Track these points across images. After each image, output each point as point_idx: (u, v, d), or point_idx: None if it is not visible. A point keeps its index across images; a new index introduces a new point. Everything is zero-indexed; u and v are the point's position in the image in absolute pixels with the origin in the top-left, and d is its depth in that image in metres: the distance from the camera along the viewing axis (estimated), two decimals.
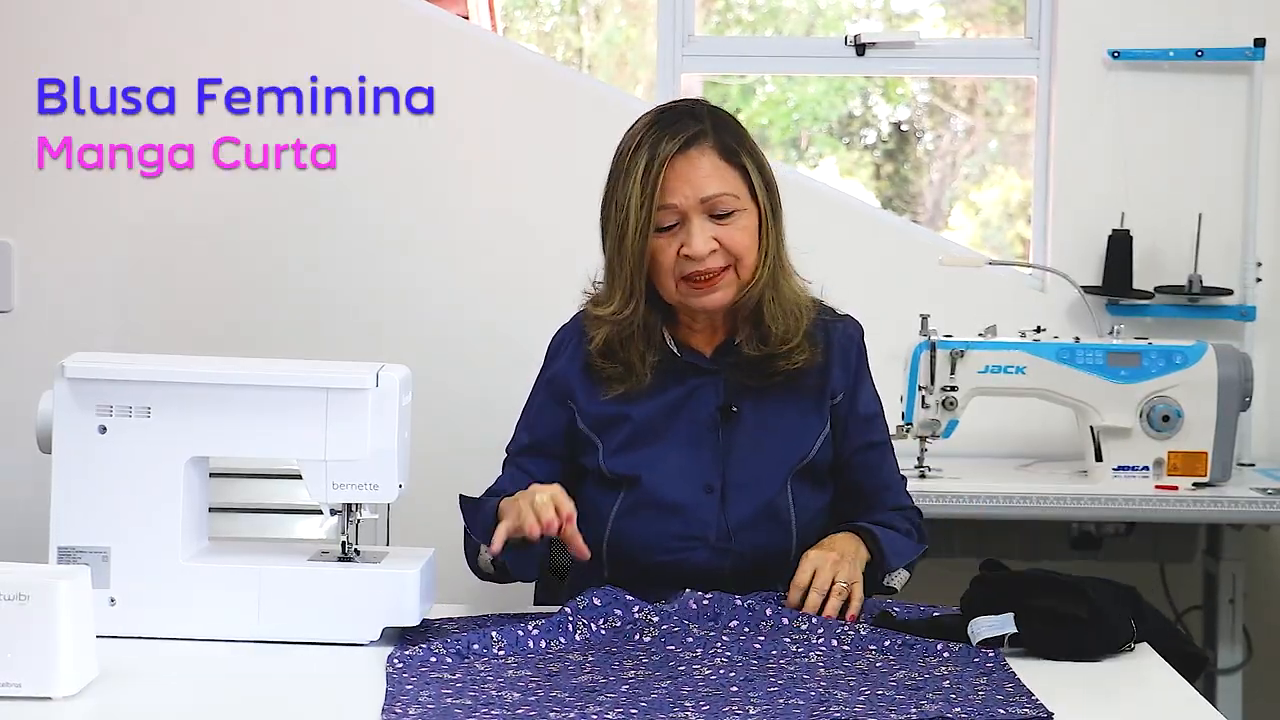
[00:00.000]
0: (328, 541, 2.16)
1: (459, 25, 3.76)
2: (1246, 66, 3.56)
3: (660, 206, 2.17)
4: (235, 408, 1.99)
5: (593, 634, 1.97)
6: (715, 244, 2.17)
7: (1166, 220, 3.59)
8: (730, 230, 2.18)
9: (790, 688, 1.79)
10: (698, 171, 2.18)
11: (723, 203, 2.18)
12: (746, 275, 2.21)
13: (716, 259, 2.18)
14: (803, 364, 2.24)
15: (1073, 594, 1.95)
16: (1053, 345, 3.16)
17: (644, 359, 2.24)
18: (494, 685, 1.78)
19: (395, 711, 1.68)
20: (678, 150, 2.18)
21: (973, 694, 1.76)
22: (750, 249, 2.20)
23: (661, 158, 2.17)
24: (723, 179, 2.19)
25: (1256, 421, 3.55)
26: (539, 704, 1.71)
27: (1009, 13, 6.62)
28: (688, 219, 2.17)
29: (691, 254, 2.17)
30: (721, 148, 2.21)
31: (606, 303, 2.24)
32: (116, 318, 3.61)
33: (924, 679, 1.83)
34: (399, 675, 1.82)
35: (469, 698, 1.74)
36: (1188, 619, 3.45)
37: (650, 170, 2.16)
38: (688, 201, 2.17)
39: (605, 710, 1.70)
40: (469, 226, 3.61)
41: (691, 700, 1.74)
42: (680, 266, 2.19)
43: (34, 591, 1.70)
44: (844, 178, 7.60)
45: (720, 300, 2.20)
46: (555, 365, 2.32)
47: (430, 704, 1.71)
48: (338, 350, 3.49)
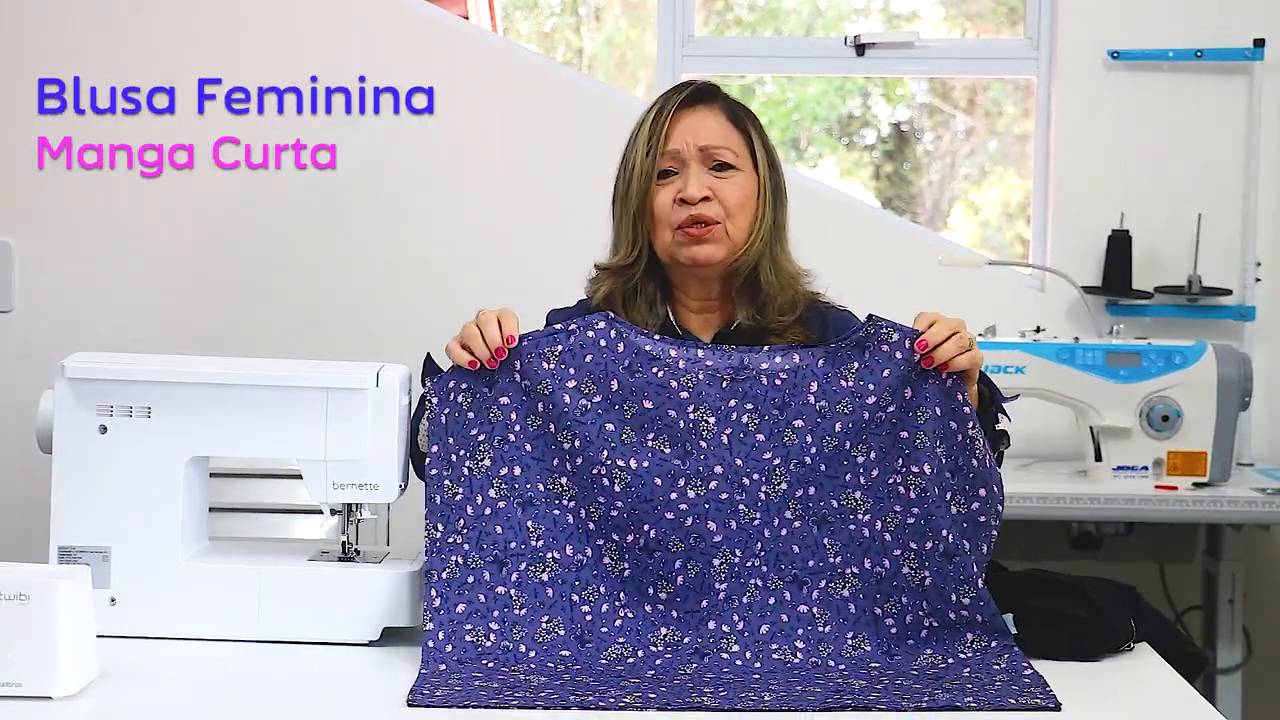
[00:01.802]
0: (328, 541, 2.16)
1: (459, 25, 3.76)
2: (1246, 66, 3.56)
3: (662, 152, 2.22)
4: (235, 408, 1.99)
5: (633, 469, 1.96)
6: (710, 193, 2.20)
7: (1166, 220, 3.59)
8: (726, 184, 2.22)
9: (811, 677, 1.82)
10: (702, 123, 2.24)
11: (721, 154, 2.22)
12: (739, 236, 2.22)
13: (710, 208, 2.20)
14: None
15: (1073, 594, 1.95)
16: (1052, 345, 3.16)
17: (645, 322, 2.24)
18: (525, 670, 1.83)
19: (423, 693, 1.73)
20: (685, 103, 2.25)
21: (990, 684, 1.78)
22: (743, 209, 2.23)
23: (669, 108, 2.24)
24: (725, 135, 2.24)
25: (1256, 421, 3.56)
26: (563, 689, 1.75)
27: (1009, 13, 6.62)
28: (686, 166, 2.22)
29: (686, 197, 2.20)
30: (729, 111, 2.27)
31: (612, 256, 2.28)
32: (116, 318, 3.61)
33: (946, 666, 1.85)
34: (433, 656, 1.86)
35: (497, 681, 1.78)
36: (1188, 619, 3.45)
37: (659, 120, 2.23)
38: (688, 149, 2.22)
39: (623, 695, 1.73)
40: (469, 226, 3.61)
41: (711, 686, 1.77)
42: (676, 214, 2.21)
43: (34, 591, 1.70)
44: (844, 178, 7.59)
45: (710, 254, 2.21)
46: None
47: (459, 687, 1.76)
48: (338, 350, 3.49)
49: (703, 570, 1.94)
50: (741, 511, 1.95)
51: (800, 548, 1.95)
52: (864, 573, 1.93)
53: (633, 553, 1.95)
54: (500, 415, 1.96)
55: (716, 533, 1.94)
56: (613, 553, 1.95)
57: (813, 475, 1.95)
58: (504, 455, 1.96)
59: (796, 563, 1.95)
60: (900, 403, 1.94)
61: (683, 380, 1.97)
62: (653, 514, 1.95)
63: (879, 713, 1.70)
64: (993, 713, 1.70)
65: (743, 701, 1.72)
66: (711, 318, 2.29)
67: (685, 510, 1.95)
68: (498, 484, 1.95)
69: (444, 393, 1.97)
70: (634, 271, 2.25)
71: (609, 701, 1.72)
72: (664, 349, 1.99)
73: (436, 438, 1.96)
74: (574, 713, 1.70)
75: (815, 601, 1.93)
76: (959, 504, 1.93)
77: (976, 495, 1.93)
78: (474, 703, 1.71)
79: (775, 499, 1.95)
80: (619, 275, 2.26)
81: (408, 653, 1.92)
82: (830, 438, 1.95)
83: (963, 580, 1.90)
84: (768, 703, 1.71)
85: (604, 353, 1.98)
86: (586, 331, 1.99)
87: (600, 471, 1.96)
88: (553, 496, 1.96)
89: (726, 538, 1.94)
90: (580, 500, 1.96)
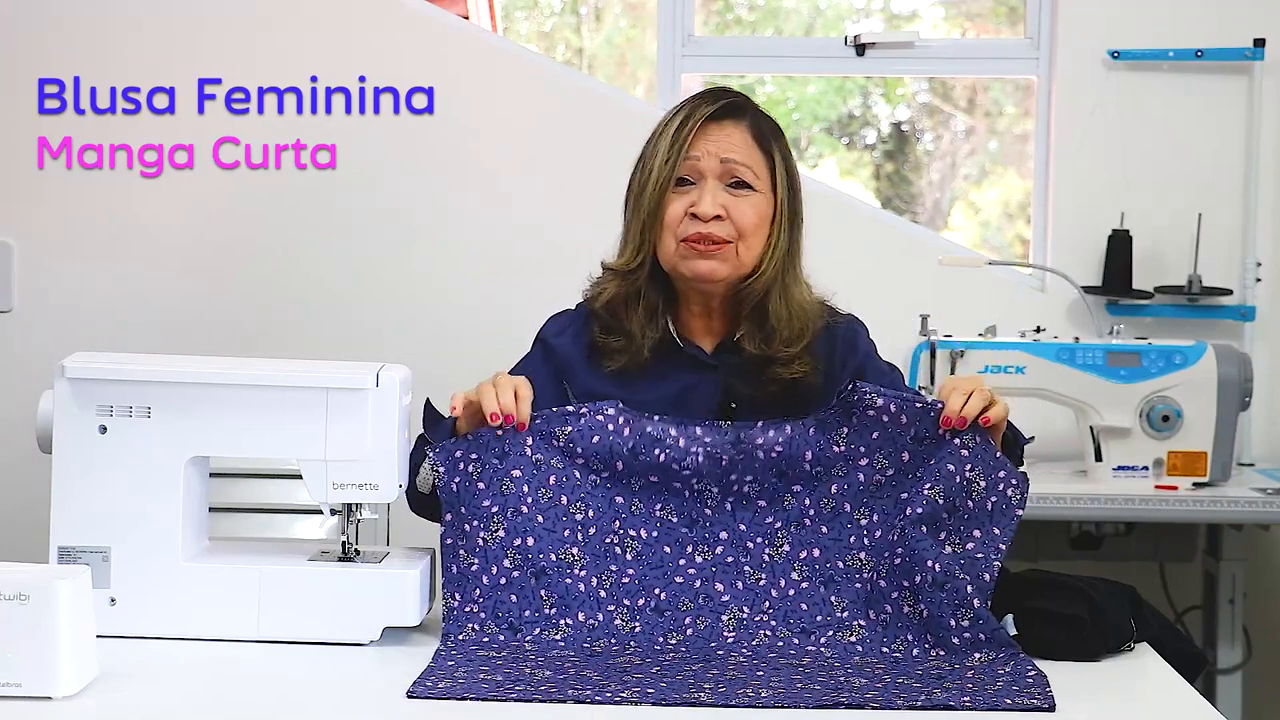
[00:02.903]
0: (328, 541, 2.16)
1: (459, 25, 3.76)
2: (1246, 66, 3.56)
3: (685, 158, 2.19)
4: (235, 408, 1.99)
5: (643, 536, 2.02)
6: (723, 211, 2.18)
7: (1166, 220, 3.59)
8: (740, 204, 2.19)
9: (814, 675, 1.82)
10: (726, 138, 2.21)
11: (740, 172, 2.19)
12: (748, 259, 2.20)
13: (720, 227, 2.18)
14: (801, 377, 2.22)
15: (1073, 594, 1.95)
16: (1052, 345, 3.16)
17: (644, 331, 2.23)
18: (531, 664, 1.84)
19: (426, 684, 1.75)
20: (713, 116, 2.21)
21: (991, 684, 1.78)
22: (756, 231, 2.20)
23: (697, 116, 2.21)
24: (748, 154, 2.21)
25: (1256, 421, 3.56)
26: (565, 683, 1.77)
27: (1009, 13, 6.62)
28: (704, 179, 2.19)
29: (698, 213, 2.17)
30: (755, 131, 2.24)
31: (618, 258, 2.26)
32: (117, 317, 3.61)
33: (951, 670, 1.85)
34: (446, 651, 1.89)
35: (502, 674, 1.79)
36: (1188, 619, 3.45)
37: (684, 128, 2.20)
38: (708, 160, 2.19)
39: (622, 689, 1.74)
40: (469, 226, 3.61)
41: (710, 683, 1.77)
42: (685, 227, 2.19)
43: (34, 591, 1.70)
44: (844, 178, 7.59)
45: (714, 271, 2.19)
46: (557, 341, 2.29)
47: (463, 679, 1.77)
48: (338, 350, 3.49)
49: (711, 624, 1.98)
50: (748, 573, 2.01)
51: (808, 605, 1.99)
52: (871, 622, 1.97)
53: (644, 614, 1.99)
54: (513, 488, 1.99)
55: (724, 592, 2.00)
56: (624, 615, 1.99)
57: (815, 537, 2.02)
58: (517, 527, 1.98)
59: (804, 618, 1.99)
60: (898, 465, 2.00)
61: (684, 462, 2.04)
62: (663, 579, 2.01)
63: (875, 711, 1.70)
64: (988, 713, 1.70)
65: (740, 698, 1.72)
66: (714, 325, 2.28)
67: (694, 574, 2.01)
68: (512, 554, 1.98)
69: (451, 461, 1.99)
70: (637, 276, 2.23)
71: (606, 696, 1.72)
72: (665, 429, 2.05)
73: (449, 506, 1.99)
74: (570, 706, 1.71)
75: (823, 644, 1.96)
76: (953, 543, 1.96)
77: (972, 535, 1.96)
78: (473, 695, 1.72)
79: (780, 560, 2.02)
80: (622, 279, 2.24)
81: (408, 652, 1.93)
82: (828, 499, 2.02)
83: (958, 605, 1.92)
84: (765, 699, 1.71)
85: (610, 436, 2.03)
86: (596, 415, 2.03)
87: (612, 540, 2.02)
88: (565, 566, 1.99)
89: (734, 596, 2.00)
90: (592, 569, 2.00)
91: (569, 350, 2.27)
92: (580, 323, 2.30)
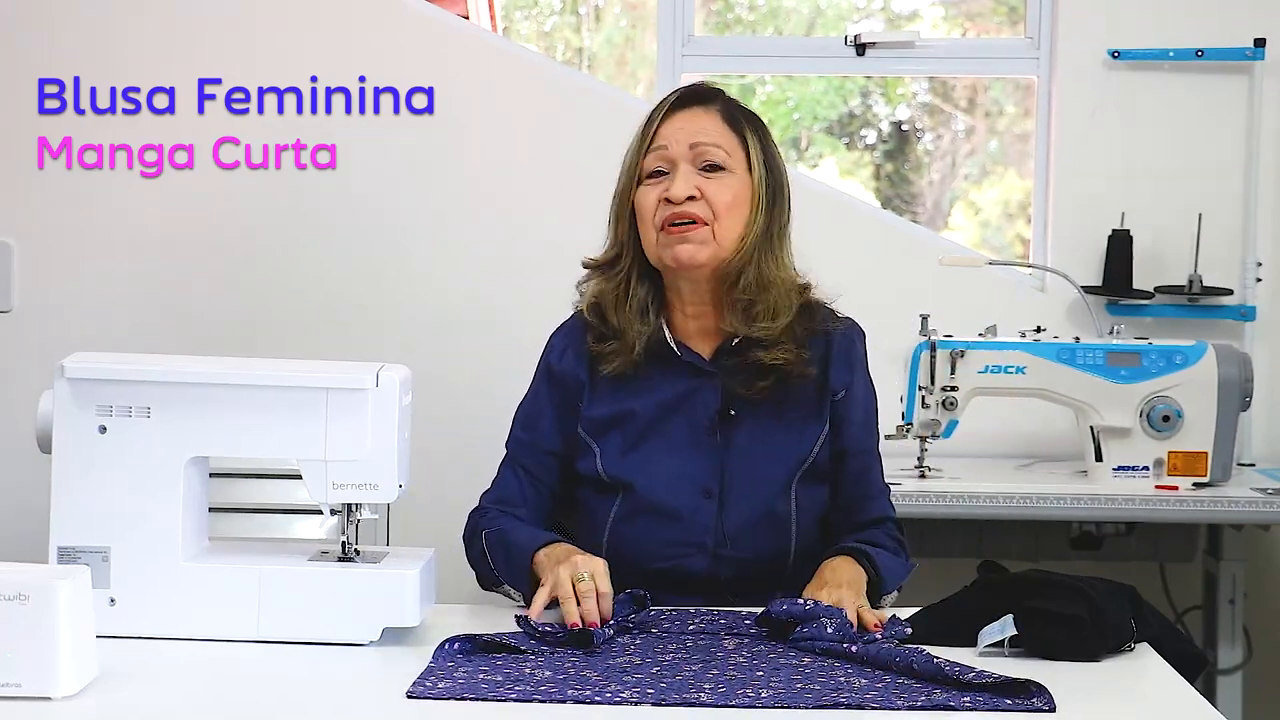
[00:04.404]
0: (328, 541, 2.16)
1: (459, 25, 3.76)
2: (1246, 66, 3.56)
3: (652, 149, 2.20)
4: (235, 408, 1.99)
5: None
6: (697, 192, 2.18)
7: (1166, 220, 3.59)
8: (714, 184, 2.19)
9: (814, 675, 1.82)
10: (695, 122, 2.21)
11: (711, 153, 2.19)
12: (726, 241, 2.19)
13: (695, 206, 2.18)
14: (795, 367, 2.23)
15: (1073, 594, 1.95)
16: (1053, 345, 3.16)
17: (635, 329, 2.23)
18: (531, 664, 1.84)
19: (426, 684, 1.75)
20: (680, 103, 2.23)
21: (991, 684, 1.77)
22: (732, 211, 2.19)
23: (665, 106, 2.23)
24: (718, 135, 2.21)
25: (1256, 421, 3.55)
26: (564, 683, 1.77)
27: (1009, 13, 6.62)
28: (676, 167, 2.20)
29: (671, 196, 2.18)
30: (726, 114, 2.24)
31: (603, 256, 2.28)
32: (116, 318, 3.61)
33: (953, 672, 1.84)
34: (447, 651, 1.88)
35: (502, 674, 1.79)
36: (1188, 619, 3.45)
37: (652, 120, 2.23)
38: (678, 147, 2.20)
39: (622, 689, 1.74)
40: (469, 226, 3.61)
41: (710, 683, 1.77)
42: (660, 213, 2.19)
43: (34, 591, 1.70)
44: (844, 178, 7.60)
45: (693, 254, 2.18)
46: (561, 364, 2.30)
47: (463, 679, 1.77)
48: (338, 350, 3.49)
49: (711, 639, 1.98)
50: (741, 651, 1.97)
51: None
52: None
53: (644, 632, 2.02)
54: None
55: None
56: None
57: (798, 683, 1.87)
58: None
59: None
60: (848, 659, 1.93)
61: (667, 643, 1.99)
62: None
63: (875, 711, 1.70)
64: (988, 713, 1.70)
65: (740, 698, 1.72)
66: (709, 327, 2.27)
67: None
68: None
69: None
70: (616, 270, 2.24)
71: (606, 696, 1.72)
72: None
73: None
74: (570, 706, 1.71)
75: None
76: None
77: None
78: (473, 695, 1.72)
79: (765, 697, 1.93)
80: (604, 274, 2.26)
81: (408, 652, 1.93)
82: (801, 660, 1.92)
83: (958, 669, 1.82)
84: (765, 699, 1.72)
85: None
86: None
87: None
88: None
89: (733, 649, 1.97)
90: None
91: (572, 370, 2.29)
92: (576, 335, 2.31)
